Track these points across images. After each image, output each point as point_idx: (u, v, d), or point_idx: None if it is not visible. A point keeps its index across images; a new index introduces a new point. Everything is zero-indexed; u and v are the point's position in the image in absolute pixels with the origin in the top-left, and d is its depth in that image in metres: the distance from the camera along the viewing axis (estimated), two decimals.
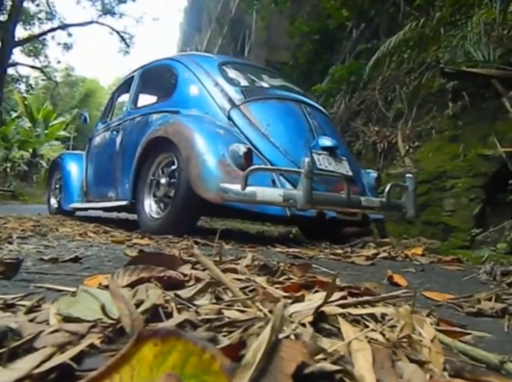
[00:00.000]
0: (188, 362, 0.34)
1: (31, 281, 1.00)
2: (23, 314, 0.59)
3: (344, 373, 0.42)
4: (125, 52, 22.60)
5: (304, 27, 11.01)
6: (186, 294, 0.68)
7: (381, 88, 7.18)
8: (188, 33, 29.05)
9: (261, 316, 0.57)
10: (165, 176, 3.34)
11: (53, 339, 0.46)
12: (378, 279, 1.51)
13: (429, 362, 0.47)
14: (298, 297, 0.68)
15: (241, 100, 3.37)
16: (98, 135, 4.86)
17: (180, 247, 2.46)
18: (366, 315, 0.60)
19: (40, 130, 21.94)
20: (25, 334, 0.47)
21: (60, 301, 0.60)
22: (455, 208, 3.74)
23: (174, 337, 0.35)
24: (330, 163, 3.25)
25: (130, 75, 4.62)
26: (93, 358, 0.44)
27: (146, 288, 0.64)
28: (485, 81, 4.74)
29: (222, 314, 0.58)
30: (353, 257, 2.30)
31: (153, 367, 0.35)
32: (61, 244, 2.09)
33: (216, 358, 0.33)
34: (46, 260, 1.37)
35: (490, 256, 2.71)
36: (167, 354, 0.35)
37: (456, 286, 1.53)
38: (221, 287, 0.72)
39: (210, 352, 0.34)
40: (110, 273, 1.19)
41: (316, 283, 0.87)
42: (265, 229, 6.23)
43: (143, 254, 1.03)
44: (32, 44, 21.39)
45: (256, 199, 2.72)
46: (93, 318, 0.53)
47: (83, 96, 35.83)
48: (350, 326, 0.54)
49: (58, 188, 5.60)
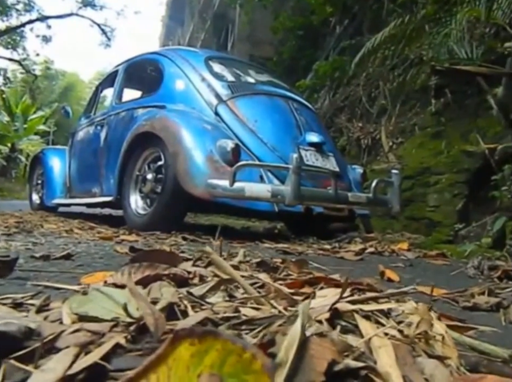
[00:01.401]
0: (226, 361, 0.34)
1: (26, 279, 0.99)
2: (35, 313, 0.58)
3: (369, 370, 0.42)
4: (105, 45, 22.26)
5: (288, 22, 10.99)
6: (198, 291, 0.68)
7: (364, 85, 7.23)
8: (170, 27, 28.75)
9: (275, 313, 0.57)
10: (151, 172, 3.32)
11: (75, 338, 0.46)
12: (370, 274, 1.53)
13: (448, 358, 0.48)
14: (310, 294, 0.68)
15: (229, 95, 3.36)
16: (82, 129, 4.78)
17: (169, 243, 2.45)
18: (377, 311, 0.61)
19: (18, 125, 21.46)
20: (46, 333, 0.46)
21: (71, 300, 0.59)
22: (438, 203, 3.80)
23: (212, 337, 0.35)
24: (318, 159, 3.26)
25: (114, 69, 4.55)
26: (120, 358, 0.44)
27: (160, 286, 0.64)
28: (468, 79, 4.82)
29: (239, 312, 0.58)
30: (341, 253, 2.32)
31: (190, 367, 0.35)
32: (48, 241, 2.06)
33: (257, 357, 0.33)
34: (37, 257, 1.35)
35: (473, 251, 2.76)
36: (204, 353, 0.35)
37: (445, 280, 1.56)
38: (233, 284, 0.72)
39: (251, 351, 0.34)
40: (104, 270, 1.18)
41: (319, 279, 0.88)
42: (250, 225, 6.24)
43: (143, 251, 1.02)
44: (10, 36, 20.89)
45: (244, 195, 2.72)
46: (110, 317, 0.52)
47: (63, 90, 35.17)
48: (367, 323, 0.54)
49: (40, 184, 5.51)
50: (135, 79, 4.60)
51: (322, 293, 0.72)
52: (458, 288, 1.22)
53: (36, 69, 26.31)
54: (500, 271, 1.56)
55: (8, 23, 20.46)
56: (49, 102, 29.67)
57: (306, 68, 9.92)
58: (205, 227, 4.74)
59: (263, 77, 4.03)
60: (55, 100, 30.28)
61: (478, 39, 4.88)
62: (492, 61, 4.56)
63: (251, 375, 0.33)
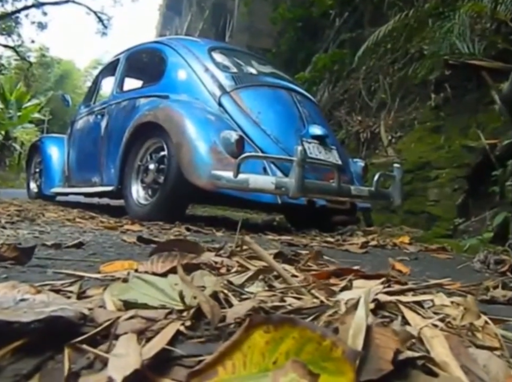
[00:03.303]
0: (303, 349, 0.35)
1: (45, 266, 0.99)
2: (76, 300, 0.58)
3: (426, 359, 0.43)
4: (102, 33, 22.08)
5: (287, 14, 10.92)
6: (237, 280, 0.68)
7: (364, 78, 7.22)
8: (167, 17, 28.47)
9: (318, 303, 0.58)
10: (153, 162, 3.31)
11: (131, 325, 0.46)
12: (378, 267, 1.54)
13: (498, 348, 0.49)
14: (346, 285, 0.69)
15: (232, 86, 3.35)
16: (81, 118, 4.75)
17: (173, 233, 2.45)
18: (413, 302, 0.62)
19: (13, 112, 21.22)
20: (100, 320, 0.47)
21: (112, 287, 0.59)
22: (438, 198, 3.82)
23: (289, 324, 0.35)
24: (321, 152, 3.27)
25: (115, 58, 4.51)
26: (183, 345, 0.44)
27: (201, 275, 0.64)
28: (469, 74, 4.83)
29: (284, 301, 0.58)
30: (346, 246, 2.34)
31: (266, 354, 0.35)
32: (54, 230, 2.06)
33: (337, 345, 0.34)
34: (49, 246, 1.35)
35: (473, 246, 2.79)
36: (279, 341, 0.35)
37: (453, 274, 1.58)
38: (271, 274, 0.73)
39: (331, 339, 0.34)
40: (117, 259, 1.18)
41: (345, 271, 0.88)
42: (249, 217, 6.25)
43: (167, 241, 1.02)
44: (5, 22, 20.62)
45: (248, 186, 2.72)
46: (156, 304, 0.52)
47: (58, 77, 34.81)
48: (413, 313, 0.55)
49: (38, 172, 5.48)
50: (136, 68, 4.57)
51: (356, 284, 0.73)
52: (468, 282, 1.24)
53: (31, 56, 26.07)
54: (506, 265, 1.58)
55: (3, 9, 20.20)
56: (44, 90, 29.40)
57: (305, 60, 9.88)
58: (203, 218, 4.74)
59: (266, 68, 4.02)
60: (50, 88, 30.00)
61: (479, 34, 4.89)
62: (493, 56, 4.58)
63: (330, 362, 0.34)
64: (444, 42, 4.58)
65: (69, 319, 0.44)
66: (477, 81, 4.72)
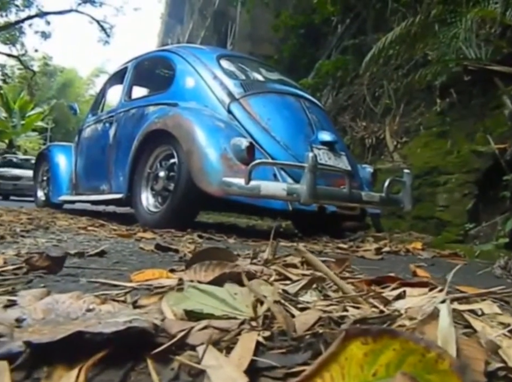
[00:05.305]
0: (405, 361, 0.34)
1: (76, 276, 0.99)
2: (133, 309, 0.58)
3: (508, 370, 0.43)
4: (104, 41, 22.19)
5: (289, 21, 10.98)
6: (291, 289, 0.68)
7: (368, 84, 7.24)
8: (169, 25, 28.65)
9: (377, 312, 0.57)
10: (163, 170, 3.31)
11: (205, 335, 0.46)
12: (398, 273, 1.54)
13: None
14: (400, 294, 0.69)
15: (241, 93, 3.36)
16: (89, 127, 4.76)
17: (186, 240, 2.45)
18: (468, 310, 0.62)
19: (16, 121, 21.37)
20: (173, 331, 0.46)
21: (168, 297, 0.59)
22: (448, 203, 3.81)
23: (388, 336, 0.35)
24: (330, 158, 3.27)
25: (123, 66, 4.53)
26: (263, 356, 0.44)
27: (259, 284, 0.64)
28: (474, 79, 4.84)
29: (347, 311, 0.58)
30: (360, 252, 2.33)
31: (364, 366, 0.35)
32: (69, 238, 2.06)
33: (443, 357, 0.33)
34: (72, 254, 1.34)
35: (485, 252, 2.78)
36: (379, 352, 0.35)
37: (475, 280, 1.57)
38: (324, 283, 0.72)
39: (436, 351, 0.34)
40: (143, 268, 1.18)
41: (385, 279, 0.88)
42: (255, 223, 6.25)
43: (202, 249, 1.02)
44: (9, 32, 20.76)
45: (260, 193, 2.72)
46: (220, 314, 0.52)
47: (61, 86, 34.96)
48: (480, 322, 0.55)
49: (46, 180, 5.49)
50: (144, 76, 4.59)
51: (410, 292, 0.72)
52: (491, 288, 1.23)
53: (34, 65, 26.21)
54: None
55: (7, 19, 20.34)
56: (47, 99, 29.55)
57: (307, 67, 9.91)
58: (210, 225, 4.73)
59: (274, 75, 4.03)
60: (53, 96, 30.13)
61: (484, 39, 4.90)
62: (498, 61, 4.59)
63: (436, 375, 0.33)
64: (449, 48, 4.59)
65: (145, 330, 0.44)
66: (483, 86, 4.73)
